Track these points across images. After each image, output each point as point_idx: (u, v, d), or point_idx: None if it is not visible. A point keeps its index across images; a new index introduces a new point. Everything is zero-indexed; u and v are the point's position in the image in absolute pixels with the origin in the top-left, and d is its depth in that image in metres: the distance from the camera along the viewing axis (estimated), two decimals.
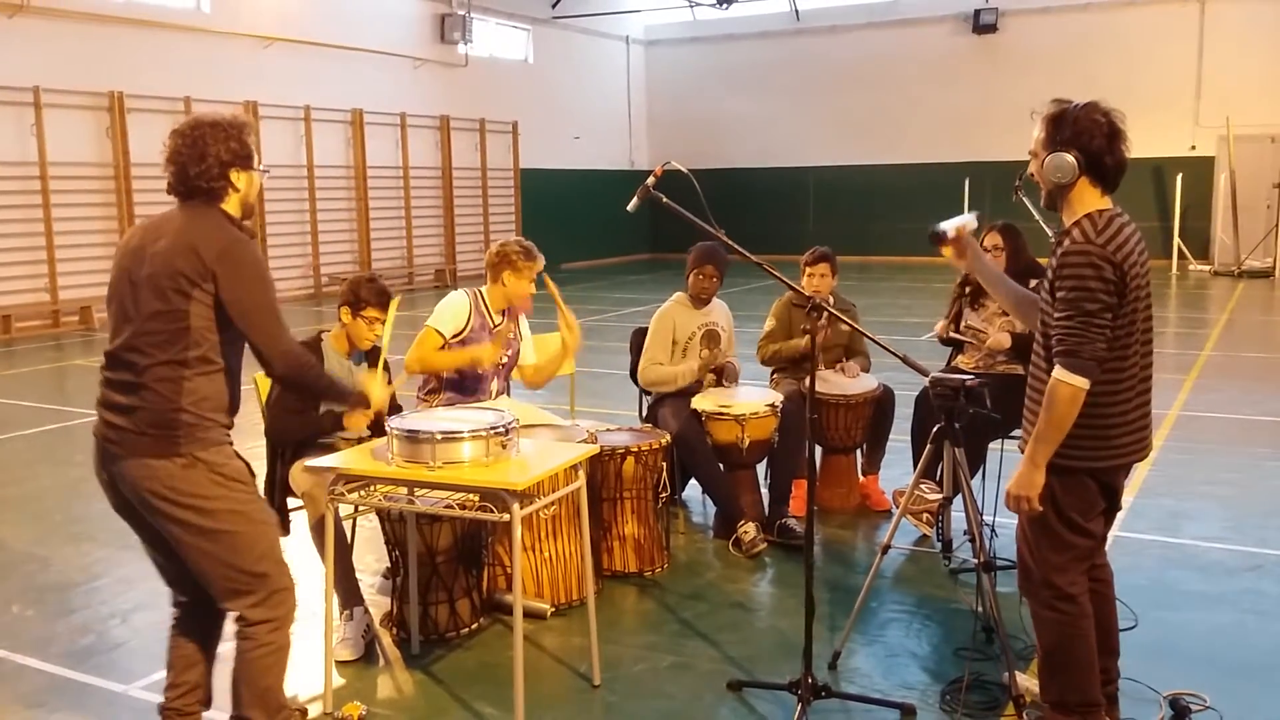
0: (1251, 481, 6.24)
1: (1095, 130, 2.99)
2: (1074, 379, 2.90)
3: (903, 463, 5.78)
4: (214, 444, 2.99)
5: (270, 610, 3.06)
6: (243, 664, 3.08)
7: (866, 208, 23.20)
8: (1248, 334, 12.58)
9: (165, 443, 2.92)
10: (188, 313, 2.90)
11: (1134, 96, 19.55)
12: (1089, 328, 2.90)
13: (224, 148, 2.99)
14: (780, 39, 24.09)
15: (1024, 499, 3.03)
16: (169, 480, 2.92)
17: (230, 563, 3.00)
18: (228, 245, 2.93)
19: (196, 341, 2.92)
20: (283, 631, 3.10)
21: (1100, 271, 2.89)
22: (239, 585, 3.02)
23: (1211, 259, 19.91)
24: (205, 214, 3.00)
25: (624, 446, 4.75)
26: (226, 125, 3.04)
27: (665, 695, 3.73)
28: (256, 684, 3.09)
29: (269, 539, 3.09)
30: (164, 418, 2.92)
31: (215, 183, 3.00)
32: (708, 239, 4.12)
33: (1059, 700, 3.20)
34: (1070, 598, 3.12)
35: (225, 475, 2.98)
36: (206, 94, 15.33)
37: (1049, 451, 2.98)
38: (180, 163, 2.99)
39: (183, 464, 2.93)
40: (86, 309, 14.16)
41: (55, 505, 6.12)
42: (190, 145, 2.99)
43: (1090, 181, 3.02)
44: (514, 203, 21.79)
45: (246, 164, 3.05)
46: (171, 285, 2.89)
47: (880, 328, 11.70)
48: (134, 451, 2.94)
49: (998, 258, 5.05)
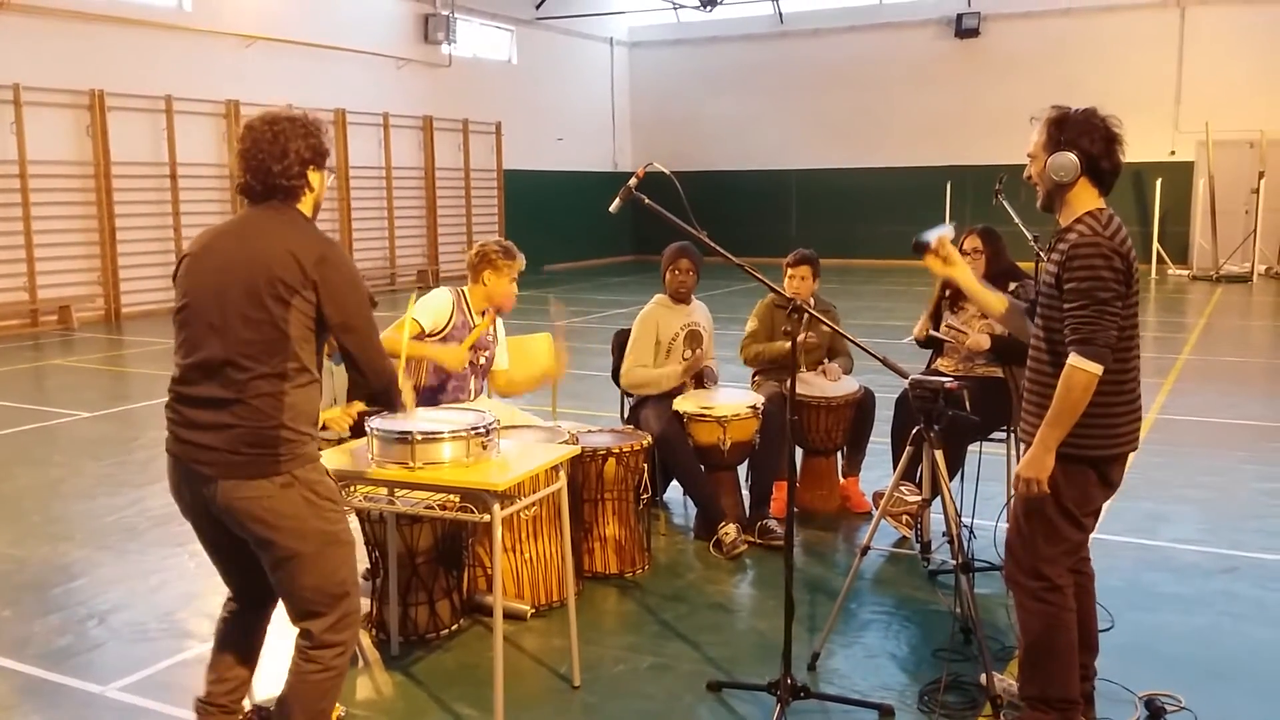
0: (1228, 485, 6.29)
1: (1095, 133, 3.10)
2: (1090, 365, 2.99)
3: (883, 464, 5.80)
4: (310, 460, 2.89)
5: (339, 633, 2.97)
6: (302, 684, 2.98)
7: (849, 210, 23.27)
8: (1225, 338, 12.67)
9: (265, 462, 2.80)
10: (287, 321, 2.78)
11: (1114, 101, 19.47)
12: (1103, 315, 3.00)
13: (304, 144, 2.91)
14: (764, 42, 24.15)
15: (1034, 481, 3.09)
16: (267, 502, 2.80)
17: (314, 585, 2.91)
18: (326, 252, 2.84)
19: (295, 353, 2.81)
20: (346, 657, 3.02)
21: (1110, 262, 3.00)
22: (318, 607, 2.94)
23: (1190, 264, 20.04)
24: (291, 217, 2.91)
25: (605, 448, 4.76)
26: (306, 122, 2.96)
27: (645, 696, 3.74)
28: (312, 706, 2.99)
29: (351, 561, 3.01)
30: (263, 435, 2.79)
31: (295, 180, 2.90)
32: (691, 240, 4.13)
33: (1039, 695, 3.24)
34: (1058, 588, 3.19)
35: (319, 494, 2.88)
36: (188, 93, 15.28)
37: (1061, 435, 3.06)
38: (260, 159, 2.87)
39: (281, 484, 2.81)
40: (65, 308, 14.08)
41: (33, 506, 6.08)
42: (272, 141, 2.87)
43: (1089, 182, 3.12)
44: (497, 204, 21.76)
45: (323, 163, 2.98)
46: (270, 292, 2.76)
47: (862, 330, 11.74)
48: (229, 472, 2.79)
49: (977, 260, 5.08)
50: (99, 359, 11.75)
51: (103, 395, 9.50)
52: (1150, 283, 18.53)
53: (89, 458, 7.16)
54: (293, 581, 2.92)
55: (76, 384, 10.30)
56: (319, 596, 2.93)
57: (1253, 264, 18.99)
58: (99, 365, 11.38)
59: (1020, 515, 3.23)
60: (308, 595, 2.93)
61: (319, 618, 2.95)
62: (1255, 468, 6.65)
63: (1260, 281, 18.71)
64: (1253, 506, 5.85)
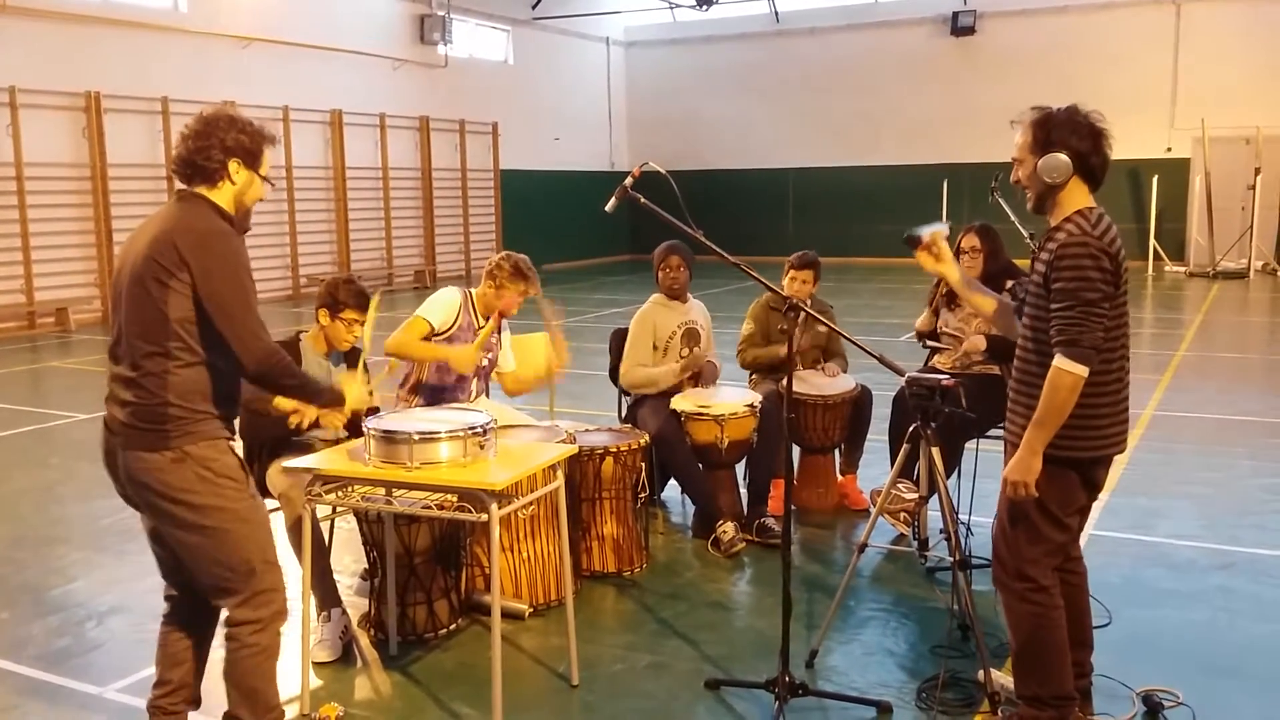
0: (1225, 480, 6.30)
1: (1081, 130, 3.08)
2: (1075, 367, 2.98)
3: (880, 462, 5.81)
4: (205, 438, 2.97)
5: (254, 610, 3.05)
6: (229, 665, 3.09)
7: (845, 209, 23.27)
8: (1222, 334, 12.68)
9: (155, 436, 2.92)
10: (166, 302, 2.88)
11: (1110, 99, 19.61)
12: (1089, 316, 2.98)
13: (232, 135, 3.01)
14: (760, 40, 24.15)
15: (1021, 484, 3.08)
16: (159, 474, 2.93)
17: (216, 559, 2.99)
18: (204, 235, 2.92)
19: (176, 333, 2.91)
20: (268, 633, 3.08)
21: (1099, 262, 2.98)
22: (224, 583, 3.02)
23: (1187, 260, 20.05)
24: (192, 205, 3.00)
25: (603, 447, 4.76)
26: (245, 122, 3.06)
27: (643, 695, 3.74)
28: (241, 684, 3.09)
29: (258, 539, 3.06)
30: (153, 411, 2.92)
31: (210, 163, 2.99)
32: (687, 240, 4.14)
33: (1034, 695, 3.24)
34: (1044, 589, 3.18)
35: (214, 471, 2.96)
36: (184, 94, 15.27)
37: (1047, 438, 3.05)
38: (186, 136, 3.02)
39: (171, 458, 2.92)
40: (63, 310, 14.07)
41: (31, 508, 6.07)
42: (202, 124, 3.02)
43: (1080, 180, 3.11)
44: (494, 204, 21.75)
45: (249, 161, 3.04)
46: (150, 275, 2.89)
47: (858, 328, 11.74)
48: (129, 444, 2.95)
49: (975, 259, 5.09)
50: (96, 361, 11.73)
51: (99, 397, 9.32)
52: (1147, 279, 18.55)
53: (86, 460, 7.14)
54: (196, 558, 3.02)
55: (73, 386, 10.30)
56: (224, 573, 3.01)
57: (1249, 260, 19.01)
58: (96, 367, 11.37)
59: (1004, 517, 3.22)
60: (213, 571, 3.02)
61: (229, 595, 3.04)
62: (1252, 464, 6.66)
63: (1257, 277, 18.73)
64: (1250, 502, 5.86)
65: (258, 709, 3.11)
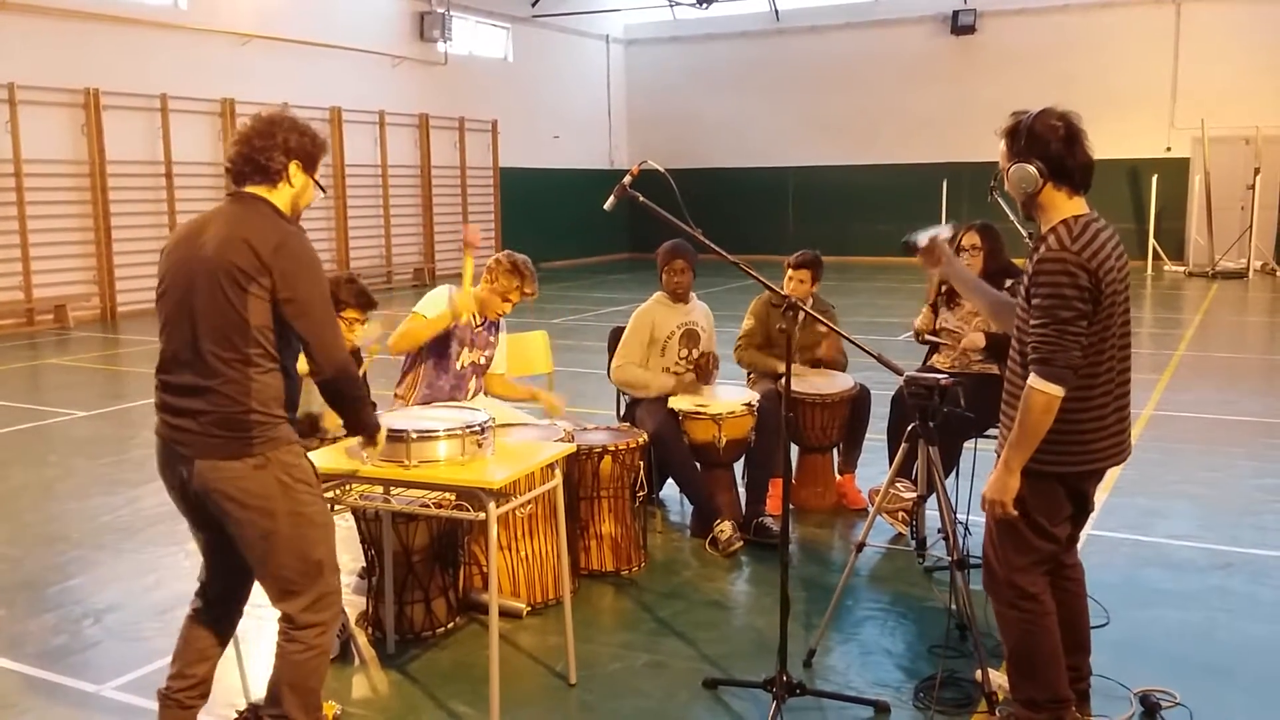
0: (1223, 481, 6.30)
1: (1051, 135, 2.99)
2: (1049, 387, 2.91)
3: (879, 462, 5.81)
4: (285, 443, 2.96)
5: (319, 613, 3.05)
6: (288, 666, 3.05)
7: (845, 208, 23.27)
8: (1221, 334, 12.68)
9: (238, 444, 2.88)
10: (246, 308, 2.85)
11: (1110, 98, 19.78)
12: (1064, 335, 2.91)
13: (294, 137, 3.00)
14: (760, 39, 24.13)
15: (998, 504, 3.05)
16: (240, 481, 2.89)
17: (289, 564, 2.99)
18: (283, 239, 2.89)
19: (256, 339, 2.88)
20: (329, 635, 3.10)
21: (1075, 279, 2.90)
22: (294, 586, 3.01)
23: (1186, 260, 20.05)
24: (255, 207, 2.97)
25: (601, 445, 4.76)
26: (306, 127, 3.05)
27: (641, 694, 3.74)
28: (302, 686, 3.06)
29: (327, 542, 3.07)
30: (233, 419, 2.87)
31: (274, 164, 2.97)
32: (686, 238, 4.13)
33: (1029, 698, 3.23)
34: (1032, 596, 3.16)
35: (294, 477, 2.95)
36: (183, 91, 15.26)
37: (1024, 458, 3.00)
38: (248, 136, 2.99)
39: (255, 464, 2.89)
40: (61, 307, 14.06)
41: (29, 505, 6.07)
42: (266, 123, 3.00)
43: (1056, 186, 3.02)
44: (493, 202, 21.74)
45: (309, 165, 3.04)
46: (229, 280, 2.84)
47: (858, 328, 11.73)
48: (204, 453, 2.89)
49: (975, 258, 5.08)
50: (94, 358, 11.73)
51: (98, 394, 9.48)
52: (1147, 279, 18.54)
53: (84, 457, 7.15)
54: (268, 560, 2.99)
55: (72, 383, 10.28)
56: (294, 575, 3.00)
57: (1248, 260, 19.00)
58: (94, 364, 11.37)
59: (992, 526, 3.20)
60: (284, 574, 3.00)
61: (296, 597, 3.02)
62: (1251, 464, 6.66)
63: (1256, 277, 18.73)
64: (1248, 503, 5.85)
65: (309, 709, 3.09)
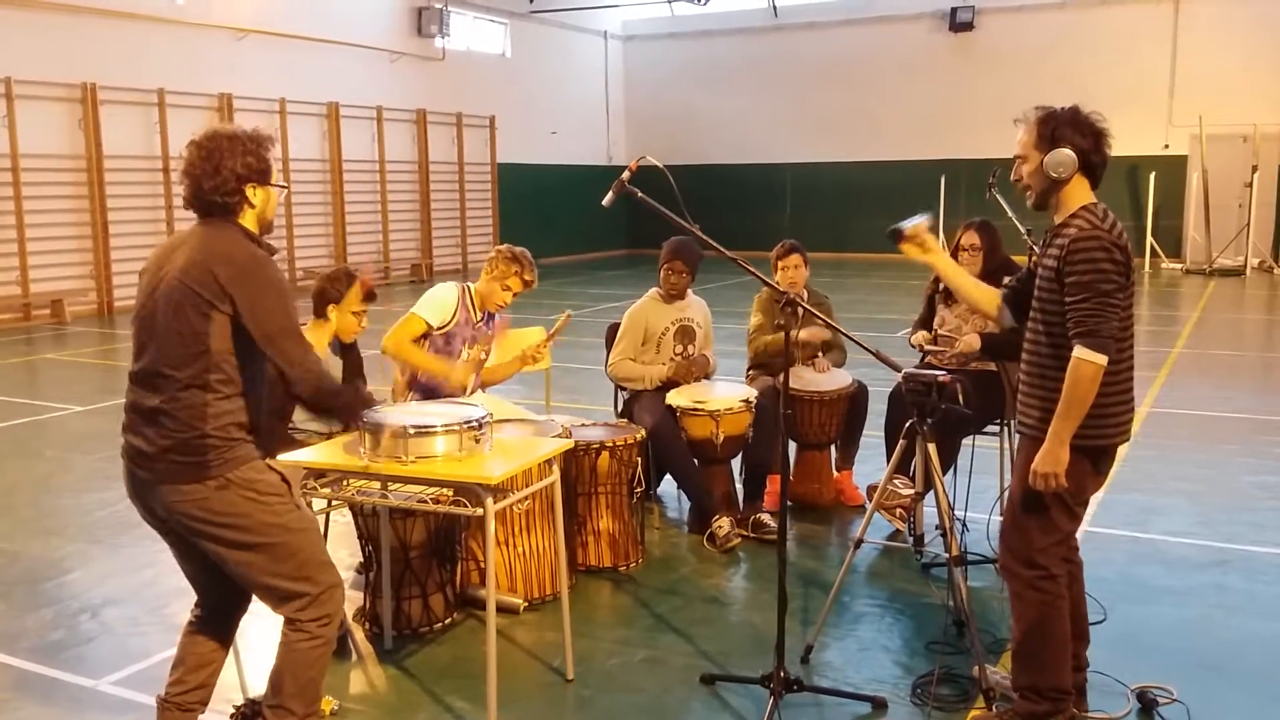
0: (1220, 478, 6.30)
1: (1084, 129, 3.14)
2: (1095, 356, 3.02)
3: (877, 458, 5.81)
4: (244, 462, 2.93)
5: (320, 609, 3.02)
6: (291, 654, 3.03)
7: (843, 204, 23.26)
8: (1219, 332, 12.70)
9: (195, 468, 2.86)
10: (207, 334, 2.83)
11: (1108, 95, 19.70)
12: (1105, 307, 3.03)
13: (240, 162, 2.91)
14: (758, 35, 24.11)
15: (1051, 475, 3.10)
16: (203, 504, 2.87)
17: (275, 572, 2.96)
18: (244, 264, 2.86)
19: (217, 364, 2.85)
20: (333, 626, 3.07)
21: (1111, 254, 3.04)
22: (285, 593, 2.99)
23: (1184, 257, 20.07)
24: (222, 230, 2.93)
25: (599, 441, 4.76)
26: (245, 139, 2.96)
27: (638, 689, 3.74)
28: (302, 675, 3.04)
29: (310, 543, 3.04)
30: (189, 444, 2.85)
31: (230, 198, 2.92)
32: (684, 234, 4.13)
33: (1032, 685, 3.26)
34: (1053, 577, 3.22)
35: (259, 491, 2.93)
36: (180, 86, 15.23)
37: (1073, 428, 3.08)
38: (195, 175, 2.91)
39: (215, 486, 2.87)
40: (58, 302, 14.02)
41: (25, 499, 6.06)
42: (206, 158, 2.90)
43: (1081, 177, 3.16)
44: (491, 197, 21.72)
45: (263, 179, 2.98)
46: (190, 306, 2.82)
47: (855, 324, 11.73)
48: (163, 478, 2.88)
49: (975, 256, 5.08)
50: (91, 353, 11.72)
51: (94, 389, 9.47)
52: (1144, 276, 18.55)
53: (81, 452, 7.14)
54: (256, 576, 2.97)
55: (68, 378, 10.27)
56: (281, 583, 2.98)
57: (1246, 258, 19.01)
58: (91, 359, 11.35)
59: (1018, 506, 3.25)
60: (268, 582, 2.98)
61: (292, 601, 3.00)
62: (1247, 461, 6.66)
63: (1253, 275, 18.74)
64: (1244, 499, 5.86)
65: (309, 700, 3.08)
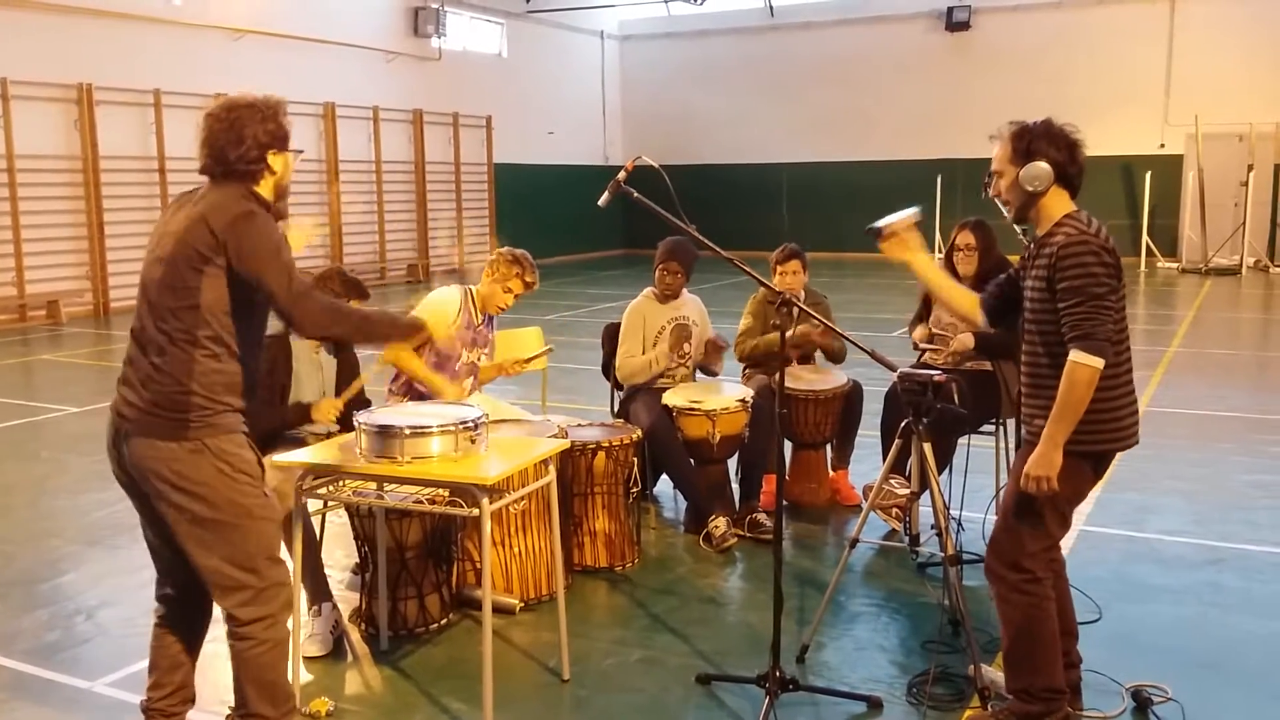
0: (1215, 477, 6.31)
1: (1058, 141, 3.15)
2: (1091, 360, 3.02)
3: (872, 458, 5.81)
4: (225, 430, 2.92)
5: (262, 608, 2.99)
6: (243, 663, 3.02)
7: (840, 204, 23.24)
8: (1214, 331, 12.71)
9: (173, 425, 2.86)
10: (199, 289, 2.84)
11: (1104, 95, 19.81)
12: (1099, 310, 3.04)
13: (261, 129, 2.95)
14: (754, 35, 24.12)
15: (1044, 479, 3.10)
16: (174, 464, 2.86)
17: (224, 555, 2.93)
18: (238, 215, 2.86)
19: (207, 320, 2.86)
20: (279, 626, 3.04)
21: (1101, 258, 3.05)
22: (229, 581, 2.96)
23: (1179, 256, 20.10)
24: (224, 188, 2.94)
25: (595, 441, 4.76)
26: (263, 106, 3.00)
27: (634, 689, 3.74)
28: (260, 680, 3.03)
29: (267, 536, 3.02)
30: (173, 398, 2.85)
31: (254, 165, 2.95)
32: (680, 235, 4.13)
33: (1024, 688, 3.26)
34: (1038, 580, 3.23)
35: (232, 466, 2.92)
36: (176, 86, 15.20)
37: (1068, 432, 3.08)
38: (218, 145, 2.93)
39: (190, 449, 2.86)
40: (54, 303, 14.00)
41: (21, 500, 6.05)
42: (228, 128, 2.93)
43: (1059, 188, 3.17)
44: (487, 197, 21.71)
45: (283, 145, 3.01)
46: (185, 261, 2.84)
47: (851, 324, 11.73)
48: (142, 430, 2.88)
49: (971, 256, 5.09)
50: (87, 354, 11.70)
51: (91, 390, 9.45)
52: (1139, 275, 18.56)
53: (77, 453, 7.13)
54: (203, 555, 2.94)
55: (64, 379, 10.26)
56: (228, 569, 2.95)
57: (1241, 257, 19.04)
58: (87, 360, 11.34)
59: (1011, 509, 3.24)
60: (215, 565, 2.95)
61: (234, 593, 2.97)
62: (1242, 460, 6.67)
63: (1249, 274, 18.76)
64: (1240, 498, 5.87)
65: (278, 700, 3.07)
